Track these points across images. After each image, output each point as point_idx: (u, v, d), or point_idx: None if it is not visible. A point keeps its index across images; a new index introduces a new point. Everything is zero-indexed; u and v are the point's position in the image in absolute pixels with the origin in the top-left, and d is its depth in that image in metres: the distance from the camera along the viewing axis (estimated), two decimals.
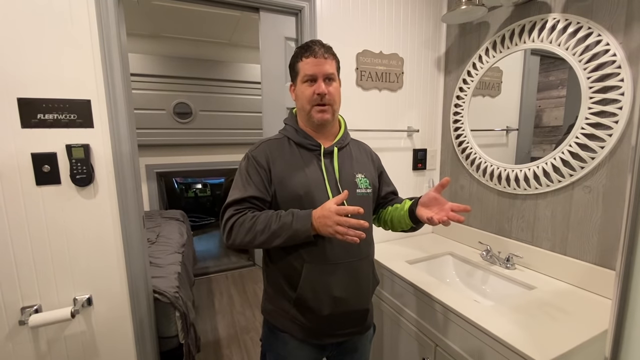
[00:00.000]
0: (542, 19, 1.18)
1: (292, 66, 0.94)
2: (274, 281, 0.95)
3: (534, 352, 0.79)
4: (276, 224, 0.82)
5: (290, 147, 0.94)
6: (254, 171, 0.90)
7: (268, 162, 0.90)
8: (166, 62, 2.87)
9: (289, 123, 0.99)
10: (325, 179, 0.92)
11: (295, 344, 0.94)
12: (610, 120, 1.01)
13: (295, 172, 0.91)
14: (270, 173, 0.90)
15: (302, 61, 0.89)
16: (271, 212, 0.86)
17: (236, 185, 0.90)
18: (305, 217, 0.82)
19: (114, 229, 1.14)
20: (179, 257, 2.07)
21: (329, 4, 1.37)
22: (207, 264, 3.44)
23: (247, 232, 0.83)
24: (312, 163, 0.93)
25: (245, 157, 0.93)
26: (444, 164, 1.71)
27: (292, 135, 0.95)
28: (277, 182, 0.90)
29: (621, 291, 0.66)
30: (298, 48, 0.93)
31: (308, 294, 0.89)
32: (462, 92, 1.54)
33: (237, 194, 0.88)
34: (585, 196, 1.11)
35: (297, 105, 0.95)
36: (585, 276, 1.11)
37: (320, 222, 0.80)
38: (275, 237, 0.82)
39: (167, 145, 3.00)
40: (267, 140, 0.96)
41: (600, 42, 1.02)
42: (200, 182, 5.34)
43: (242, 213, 0.85)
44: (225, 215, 0.87)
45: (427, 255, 1.46)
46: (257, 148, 0.93)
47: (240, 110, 3.13)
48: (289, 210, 0.85)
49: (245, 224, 0.83)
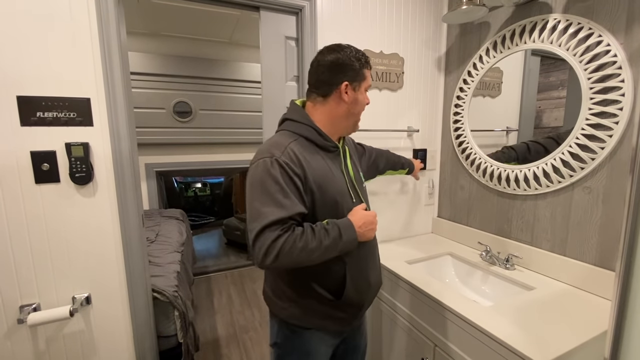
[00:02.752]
0: (542, 19, 1.18)
1: (357, 70, 0.88)
2: (302, 287, 0.90)
3: (533, 352, 0.79)
4: (327, 239, 0.79)
5: (313, 148, 0.88)
6: (290, 181, 0.80)
7: (303, 168, 0.82)
8: (166, 61, 2.86)
9: (303, 121, 0.89)
10: (346, 180, 0.94)
11: (320, 335, 0.94)
12: (610, 121, 1.01)
13: (329, 177, 0.88)
14: (307, 180, 0.83)
15: (368, 70, 0.91)
16: (314, 226, 0.81)
17: (271, 199, 0.77)
18: (349, 226, 0.83)
19: (113, 227, 1.14)
20: (178, 256, 2.07)
21: (329, 4, 1.37)
22: (206, 263, 3.44)
23: (299, 253, 0.76)
24: (335, 165, 0.92)
25: (272, 164, 0.79)
26: (444, 164, 1.71)
27: (314, 136, 0.88)
28: (316, 189, 0.84)
29: (621, 292, 0.66)
30: (361, 54, 0.89)
31: (353, 293, 0.92)
32: (462, 92, 1.54)
33: (277, 212, 0.76)
34: (585, 197, 1.11)
35: (350, 108, 0.90)
36: (584, 277, 1.11)
37: (364, 229, 0.86)
38: (328, 253, 0.81)
39: (166, 144, 2.99)
40: (289, 142, 0.85)
41: (601, 43, 1.02)
42: (199, 181, 5.34)
43: (288, 233, 0.76)
44: (266, 237, 0.75)
45: (426, 256, 1.46)
46: (285, 152, 0.81)
47: (240, 110, 3.13)
48: (330, 222, 0.83)
49: (297, 245, 0.76)
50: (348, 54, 0.87)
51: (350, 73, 0.87)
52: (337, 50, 0.87)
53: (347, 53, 0.87)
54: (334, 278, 0.90)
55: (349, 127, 0.95)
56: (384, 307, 1.37)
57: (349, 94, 0.88)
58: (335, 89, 0.87)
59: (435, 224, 1.79)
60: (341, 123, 0.92)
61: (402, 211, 1.70)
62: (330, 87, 0.88)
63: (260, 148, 0.87)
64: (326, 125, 0.90)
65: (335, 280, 0.90)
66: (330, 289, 0.90)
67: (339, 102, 0.89)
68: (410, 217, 1.73)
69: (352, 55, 0.87)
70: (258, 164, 0.81)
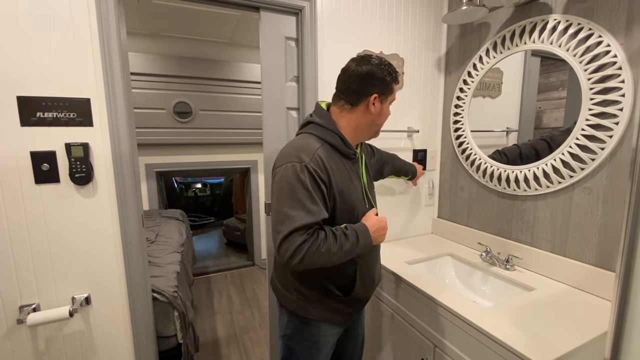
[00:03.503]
0: (542, 19, 1.18)
1: (387, 84, 0.92)
2: (312, 282, 0.95)
3: (533, 353, 0.79)
4: (347, 243, 0.84)
5: (336, 155, 0.92)
6: (317, 187, 0.84)
7: (328, 174, 0.86)
8: (166, 61, 2.86)
9: (329, 127, 0.92)
10: (362, 187, 0.99)
11: (327, 326, 1.00)
12: (610, 122, 1.01)
13: (349, 184, 0.93)
14: (330, 187, 0.87)
15: (396, 85, 0.95)
16: (335, 231, 0.85)
17: (299, 205, 0.81)
18: (365, 231, 0.89)
19: (113, 228, 1.14)
20: (178, 256, 2.07)
21: (329, 4, 1.37)
22: (206, 264, 3.44)
23: (322, 257, 0.81)
24: (353, 172, 0.97)
25: (301, 169, 0.82)
26: (444, 165, 1.71)
27: (338, 143, 0.92)
28: (338, 195, 0.89)
29: (621, 293, 0.66)
30: (392, 70, 0.92)
31: (361, 290, 1.00)
32: (462, 93, 1.54)
33: (305, 217, 0.80)
34: (585, 197, 1.10)
35: (375, 119, 0.94)
36: (584, 278, 1.11)
37: (377, 234, 0.92)
38: (347, 256, 0.86)
39: (167, 144, 2.99)
40: (317, 148, 0.87)
41: (601, 44, 1.02)
42: (200, 182, 5.35)
43: (314, 238, 0.81)
44: (294, 241, 0.79)
45: (426, 256, 1.46)
46: (313, 159, 0.84)
47: (240, 110, 3.13)
48: (349, 227, 0.88)
49: (321, 249, 0.80)
50: (382, 67, 0.90)
51: (381, 86, 0.91)
52: (372, 63, 0.90)
53: (381, 67, 0.90)
54: (345, 276, 0.97)
55: (370, 135, 1.00)
56: (384, 307, 1.37)
57: (376, 105, 0.91)
58: (364, 99, 0.90)
59: (435, 224, 1.78)
60: (364, 132, 0.96)
61: (403, 211, 1.70)
62: (360, 97, 0.90)
63: (286, 150, 0.90)
64: (350, 132, 0.94)
65: (346, 278, 0.97)
66: (340, 286, 0.97)
67: (366, 112, 0.92)
68: (410, 217, 1.73)
69: (385, 70, 0.90)
70: (287, 167, 0.84)
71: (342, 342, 1.13)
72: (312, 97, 1.37)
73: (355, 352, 1.19)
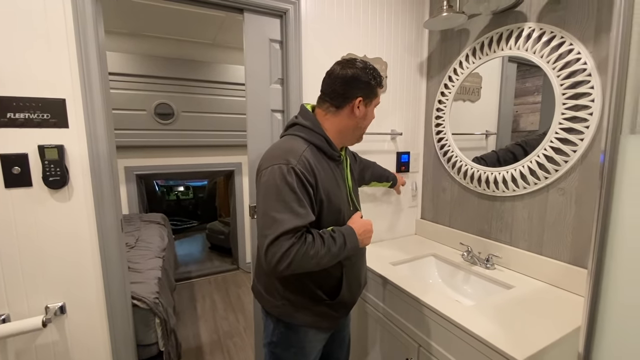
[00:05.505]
0: (518, 27, 1.22)
1: (372, 87, 0.93)
2: (298, 286, 0.93)
3: (512, 350, 0.81)
4: (335, 247, 0.84)
5: (322, 157, 0.91)
6: (304, 190, 0.82)
7: (315, 176, 0.85)
8: (147, 62, 2.80)
9: (315, 129, 0.91)
10: (347, 189, 1.00)
11: (313, 332, 0.98)
12: (581, 126, 1.06)
13: (335, 186, 0.92)
14: (317, 189, 0.86)
15: (380, 89, 0.96)
16: (323, 234, 0.85)
17: (287, 207, 0.79)
18: (352, 234, 0.89)
19: (90, 233, 1.10)
20: (159, 261, 2.01)
21: (313, 7, 1.38)
22: (189, 269, 3.37)
23: (310, 261, 0.80)
24: (338, 173, 0.97)
25: (288, 171, 0.81)
26: (427, 167, 1.74)
27: (323, 145, 0.91)
28: (325, 197, 0.88)
29: (593, 289, 0.69)
30: (377, 73, 0.93)
31: (347, 294, 0.99)
32: (443, 97, 1.58)
33: (293, 220, 0.78)
34: (559, 198, 1.15)
35: (359, 122, 0.95)
36: (560, 275, 1.15)
37: (364, 237, 0.92)
38: (334, 259, 0.85)
39: (147, 146, 2.91)
40: (303, 149, 0.86)
41: (572, 51, 1.07)
42: (182, 185, 5.23)
43: (301, 241, 0.79)
44: (281, 245, 0.77)
45: (410, 257, 1.48)
46: (300, 160, 0.83)
47: (224, 112, 3.08)
48: (336, 230, 0.88)
49: (309, 253, 0.79)
50: (366, 71, 0.91)
51: (366, 90, 0.91)
52: (356, 66, 0.90)
53: (365, 70, 0.91)
54: (331, 280, 0.96)
55: (355, 138, 1.00)
56: (369, 308, 1.38)
57: (361, 109, 0.92)
58: (349, 102, 0.91)
59: (418, 225, 1.81)
60: (348, 134, 0.97)
61: (387, 213, 1.72)
62: (345, 100, 0.91)
63: (272, 152, 0.89)
64: (335, 135, 0.94)
65: (332, 281, 0.96)
66: (326, 289, 0.96)
67: (350, 115, 0.92)
68: (394, 219, 1.75)
69: (370, 73, 0.91)
70: (273, 169, 0.82)
71: (329, 346, 1.12)
72: (297, 100, 1.37)
73: (342, 356, 1.19)
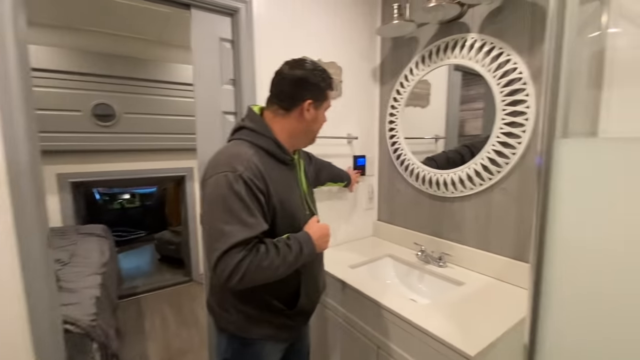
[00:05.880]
0: (462, 37, 1.30)
1: (322, 90, 0.90)
2: (253, 299, 0.88)
3: (465, 346, 0.84)
4: (290, 255, 0.81)
5: (272, 161, 0.87)
6: (254, 198, 0.78)
7: (266, 182, 0.81)
8: (83, 58, 2.54)
9: (263, 132, 0.87)
10: (301, 193, 0.96)
11: (271, 344, 0.95)
12: (519, 130, 1.15)
13: (288, 191, 0.89)
14: (269, 196, 0.82)
15: (330, 91, 0.93)
16: (277, 243, 0.81)
17: (235, 218, 0.75)
18: (308, 240, 0.86)
19: (8, 251, 0.94)
20: (98, 278, 1.82)
21: (267, 9, 1.34)
22: (135, 283, 3.10)
23: (264, 272, 0.76)
24: (291, 178, 0.93)
25: (235, 179, 0.76)
26: (382, 170, 1.79)
27: (273, 149, 0.87)
28: (278, 204, 0.84)
29: (535, 281, 0.74)
30: (327, 76, 0.91)
31: (306, 302, 0.95)
32: (395, 102, 1.63)
33: (242, 231, 0.74)
34: (502, 197, 1.24)
35: (310, 125, 0.92)
36: (505, 270, 1.23)
37: (321, 241, 0.90)
38: (291, 268, 0.82)
39: (84, 151, 2.63)
40: (250, 154, 0.82)
41: (510, 61, 1.16)
42: (127, 192, 4.84)
43: (253, 253, 0.75)
44: (231, 259, 0.73)
45: (368, 259, 1.50)
46: (248, 167, 0.79)
47: (172, 114, 2.90)
48: (291, 237, 0.84)
49: (263, 263, 0.75)
50: (315, 73, 0.88)
51: (315, 92, 0.89)
52: (305, 68, 0.87)
53: (314, 72, 0.88)
54: (288, 288, 0.92)
55: (306, 141, 0.98)
56: (329, 313, 1.36)
57: (311, 111, 0.89)
58: (298, 104, 0.88)
59: (375, 227, 1.85)
60: (300, 138, 0.94)
61: (344, 216, 1.73)
62: (294, 102, 0.88)
63: (216, 159, 0.83)
64: (285, 138, 0.90)
65: (289, 290, 0.93)
66: (284, 299, 0.92)
67: (300, 118, 0.89)
68: (352, 221, 1.76)
69: (319, 75, 0.88)
70: (219, 177, 0.77)
71: (287, 357, 1.08)
72: (250, 101, 1.32)
73: None
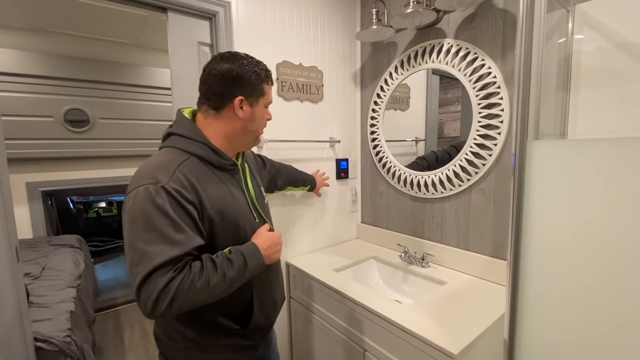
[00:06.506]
0: (439, 42, 1.33)
1: (254, 85, 0.80)
2: (202, 322, 0.81)
3: (449, 344, 0.86)
4: (231, 270, 0.73)
5: (208, 168, 0.79)
6: (183, 211, 0.69)
7: (198, 193, 0.73)
8: (54, 62, 2.44)
9: (194, 138, 0.79)
10: (248, 200, 0.88)
11: None
12: (494, 132, 1.19)
13: (228, 200, 0.80)
14: (203, 207, 0.73)
15: (268, 85, 0.85)
16: (214, 258, 0.73)
17: (158, 236, 0.65)
18: (255, 251, 0.79)
19: None
20: (72, 292, 1.73)
21: (245, 13, 1.33)
22: (113, 295, 2.98)
23: (199, 293, 0.67)
24: (233, 185, 0.85)
25: (157, 192, 0.67)
26: (364, 173, 1.80)
27: (208, 155, 0.79)
28: (215, 215, 0.75)
29: (512, 278, 0.77)
30: (260, 69, 0.82)
31: (261, 318, 0.88)
32: (376, 106, 1.65)
33: (167, 251, 0.65)
34: (480, 197, 1.27)
35: (246, 125, 0.83)
36: (484, 268, 1.27)
37: (270, 251, 0.83)
38: (234, 284, 0.74)
39: (56, 158, 2.52)
40: (178, 164, 0.73)
41: (484, 66, 1.20)
42: (104, 200, 4.65)
43: (184, 273, 0.66)
44: (155, 284, 0.63)
45: (352, 262, 1.50)
46: (174, 177, 0.70)
47: (149, 119, 2.83)
48: (233, 250, 0.77)
49: (196, 284, 0.67)
50: (245, 66, 0.79)
51: (246, 87, 0.80)
52: (232, 60, 0.78)
53: (243, 65, 0.79)
54: (239, 305, 0.84)
55: (248, 142, 0.89)
56: (314, 318, 1.36)
57: (245, 109, 0.81)
58: (228, 102, 0.79)
59: (359, 229, 1.86)
60: (238, 139, 0.85)
61: (328, 219, 1.73)
62: (223, 100, 0.79)
63: (140, 171, 0.73)
64: (221, 141, 0.82)
65: (241, 307, 0.85)
66: (236, 317, 0.84)
67: (233, 117, 0.81)
68: (336, 224, 1.76)
69: (250, 68, 0.79)
70: (138, 192, 0.67)
71: None
72: None
73: None
